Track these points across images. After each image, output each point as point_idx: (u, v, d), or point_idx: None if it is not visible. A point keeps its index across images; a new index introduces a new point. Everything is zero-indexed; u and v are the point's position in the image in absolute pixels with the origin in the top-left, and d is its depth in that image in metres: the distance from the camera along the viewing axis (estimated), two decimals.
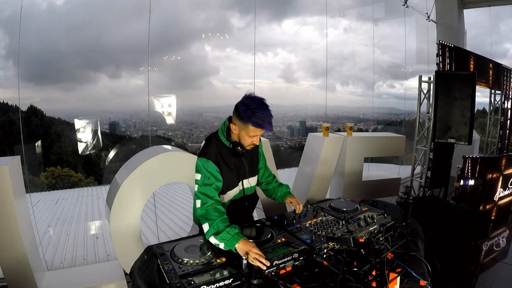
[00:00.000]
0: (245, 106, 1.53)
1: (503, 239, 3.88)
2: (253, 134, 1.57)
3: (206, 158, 1.59)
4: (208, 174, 1.57)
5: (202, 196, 1.55)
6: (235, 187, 1.74)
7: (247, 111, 1.51)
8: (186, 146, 10.07)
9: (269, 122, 1.53)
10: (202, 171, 1.58)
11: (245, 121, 1.53)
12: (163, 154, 2.30)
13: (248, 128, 1.54)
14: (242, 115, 1.53)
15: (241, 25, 9.08)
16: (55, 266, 3.02)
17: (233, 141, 1.64)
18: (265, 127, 1.53)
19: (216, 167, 1.60)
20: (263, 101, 1.54)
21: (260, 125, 1.52)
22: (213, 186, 1.57)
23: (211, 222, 1.47)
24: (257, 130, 1.54)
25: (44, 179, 6.82)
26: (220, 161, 1.63)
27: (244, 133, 1.58)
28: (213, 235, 1.44)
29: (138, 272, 1.34)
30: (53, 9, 6.30)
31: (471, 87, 3.55)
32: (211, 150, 1.62)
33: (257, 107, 1.51)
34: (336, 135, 3.38)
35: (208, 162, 1.58)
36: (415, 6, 6.57)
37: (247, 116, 1.51)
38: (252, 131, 1.55)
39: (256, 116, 1.50)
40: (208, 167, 1.58)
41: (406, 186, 3.16)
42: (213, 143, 1.65)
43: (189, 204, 4.72)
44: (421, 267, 1.49)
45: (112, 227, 2.18)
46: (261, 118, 1.50)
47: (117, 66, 8.79)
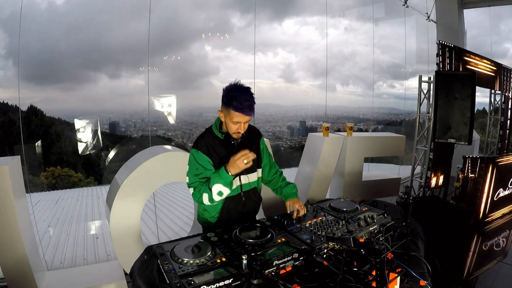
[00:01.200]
0: (227, 91, 1.57)
1: (503, 239, 3.88)
2: (236, 120, 1.57)
3: (197, 149, 1.63)
4: (197, 165, 1.62)
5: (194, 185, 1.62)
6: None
7: (228, 95, 1.55)
8: (186, 146, 10.07)
9: (249, 106, 1.55)
10: (192, 162, 1.63)
11: (227, 106, 1.56)
12: (163, 154, 2.30)
13: (230, 114, 1.56)
14: (224, 100, 1.57)
15: (241, 25, 9.09)
16: (55, 266, 3.02)
17: (224, 132, 1.67)
18: (244, 111, 1.54)
19: (208, 157, 1.62)
20: (245, 87, 1.58)
21: (239, 108, 1.53)
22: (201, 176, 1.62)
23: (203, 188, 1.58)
24: (238, 115, 1.55)
25: (44, 179, 6.83)
26: (212, 152, 1.65)
27: (228, 119, 1.60)
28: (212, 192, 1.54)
29: (138, 272, 1.34)
30: (53, 9, 6.31)
31: (471, 87, 3.55)
32: (202, 142, 1.65)
33: (238, 92, 1.54)
34: (336, 135, 3.38)
35: (198, 153, 1.62)
36: (415, 6, 6.57)
37: (228, 100, 1.55)
38: (235, 116, 1.56)
39: (236, 100, 1.52)
40: (198, 158, 1.62)
41: (406, 186, 3.17)
42: (206, 135, 1.69)
43: (189, 204, 4.72)
44: (421, 267, 1.49)
45: (112, 227, 2.18)
46: (240, 102, 1.52)
47: (117, 66, 8.81)
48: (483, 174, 4.05)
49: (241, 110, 1.54)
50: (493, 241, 3.79)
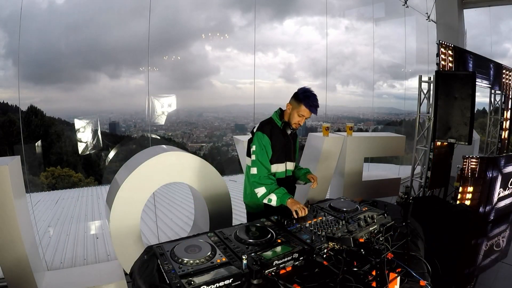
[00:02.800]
0: (303, 91, 1.97)
1: (503, 239, 3.88)
2: (302, 114, 1.98)
3: (262, 132, 1.98)
4: (262, 145, 1.96)
5: (258, 164, 1.96)
6: (282, 164, 2.08)
7: (304, 94, 1.96)
8: (186, 146, 10.06)
9: (316, 106, 1.97)
10: (259, 142, 1.97)
11: (300, 101, 1.96)
12: (163, 154, 2.30)
13: (300, 108, 1.97)
14: (300, 96, 1.97)
15: (241, 24, 9.08)
16: (55, 266, 3.02)
17: (284, 122, 2.04)
18: (312, 110, 1.97)
19: (269, 140, 1.97)
20: (316, 95, 1.98)
21: (310, 106, 1.95)
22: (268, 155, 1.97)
23: (267, 185, 1.92)
24: (306, 110, 1.96)
25: (44, 179, 6.82)
26: (274, 137, 2.00)
27: (295, 111, 1.99)
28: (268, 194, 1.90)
29: (138, 272, 1.34)
30: (53, 9, 6.30)
31: (471, 87, 3.55)
32: (267, 127, 2.01)
33: (311, 95, 1.96)
34: (336, 135, 3.38)
35: (264, 136, 1.97)
36: (415, 6, 6.56)
37: (303, 97, 1.95)
38: (303, 110, 1.97)
39: (309, 99, 1.95)
40: (263, 139, 1.96)
41: (406, 186, 3.16)
42: (269, 122, 2.06)
43: (189, 204, 4.72)
44: (421, 267, 1.49)
45: (112, 227, 2.18)
46: (312, 101, 1.95)
47: (117, 66, 8.81)
48: (483, 174, 4.05)
49: (311, 108, 1.96)
50: (493, 241, 3.79)
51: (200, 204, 2.60)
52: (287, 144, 2.08)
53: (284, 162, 2.09)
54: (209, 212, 2.45)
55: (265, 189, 1.92)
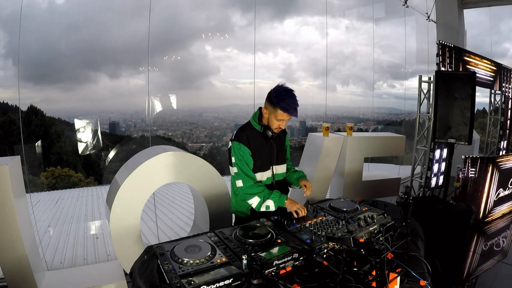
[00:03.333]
0: (276, 93, 1.78)
1: (503, 239, 3.88)
2: (281, 118, 1.80)
3: (238, 141, 1.84)
4: (240, 156, 1.83)
5: (242, 176, 1.84)
6: (268, 170, 1.96)
7: (277, 97, 1.76)
8: (186, 146, 10.06)
9: (294, 108, 1.77)
10: (236, 153, 1.84)
11: (275, 106, 1.78)
12: (163, 154, 2.29)
13: (277, 112, 1.79)
14: (273, 100, 1.78)
15: (242, 24, 9.08)
16: (55, 266, 3.02)
17: (263, 125, 1.88)
18: (291, 112, 1.78)
19: (248, 149, 1.84)
20: (292, 91, 1.79)
21: (287, 109, 1.76)
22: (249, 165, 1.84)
23: (259, 193, 1.82)
24: (284, 114, 1.78)
25: (44, 179, 6.82)
26: (252, 143, 1.86)
27: (272, 116, 1.82)
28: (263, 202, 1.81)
29: (138, 272, 1.34)
30: (53, 8, 6.30)
31: (471, 87, 3.55)
32: (243, 134, 1.86)
33: (286, 95, 1.76)
34: (336, 135, 3.38)
35: (240, 145, 1.83)
36: (415, 6, 6.56)
37: (277, 101, 1.76)
38: (280, 115, 1.79)
39: (284, 102, 1.75)
40: (240, 149, 1.83)
41: (406, 186, 3.15)
42: (246, 129, 1.90)
43: (189, 204, 4.72)
44: (421, 267, 1.49)
45: (112, 227, 2.18)
46: (288, 104, 1.75)
47: (117, 66, 8.80)
48: (483, 174, 4.05)
49: (288, 111, 1.77)
50: (493, 241, 3.79)
51: (200, 204, 2.59)
52: (270, 149, 1.94)
53: (270, 168, 1.96)
54: (209, 212, 2.45)
55: (259, 198, 1.83)
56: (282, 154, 2.02)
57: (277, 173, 2.00)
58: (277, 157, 1.98)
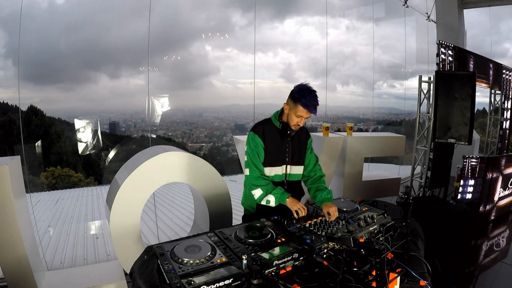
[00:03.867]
0: (298, 89, 1.81)
1: (503, 239, 3.88)
2: (300, 114, 1.81)
3: (254, 132, 1.89)
4: (252, 146, 1.86)
5: (250, 165, 1.87)
6: (278, 167, 1.94)
7: (299, 93, 1.79)
8: (186, 146, 10.06)
9: (314, 106, 1.79)
10: (250, 143, 1.88)
11: (296, 101, 1.80)
12: (163, 154, 2.29)
13: (297, 108, 1.80)
14: (295, 95, 1.80)
15: (242, 24, 9.09)
16: (55, 266, 3.02)
17: (282, 122, 1.90)
18: (310, 109, 1.79)
19: (261, 141, 1.87)
20: (314, 91, 1.82)
21: (307, 106, 1.78)
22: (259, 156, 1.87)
23: (263, 186, 1.84)
24: (303, 111, 1.79)
25: (44, 179, 6.82)
26: (267, 137, 1.88)
27: (292, 112, 1.83)
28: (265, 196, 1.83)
29: (138, 272, 1.34)
30: (54, 8, 6.30)
31: (471, 87, 3.55)
32: (260, 127, 1.90)
33: (308, 92, 1.79)
34: (336, 135, 3.38)
35: (255, 136, 1.87)
36: (415, 6, 6.56)
37: (299, 96, 1.78)
38: (300, 111, 1.80)
39: (305, 98, 1.77)
40: (254, 140, 1.87)
41: (406, 186, 3.16)
42: (264, 122, 1.94)
43: (189, 204, 4.72)
44: (421, 267, 1.49)
45: (112, 227, 2.18)
46: (308, 101, 1.78)
47: (117, 66, 8.81)
48: (483, 174, 4.05)
49: (308, 108, 1.79)
50: (493, 241, 3.79)
51: (200, 204, 2.59)
52: (285, 146, 1.93)
53: (281, 166, 1.94)
54: (209, 212, 2.45)
55: (261, 191, 1.84)
56: (300, 155, 1.99)
57: (291, 173, 1.98)
58: (292, 157, 1.96)
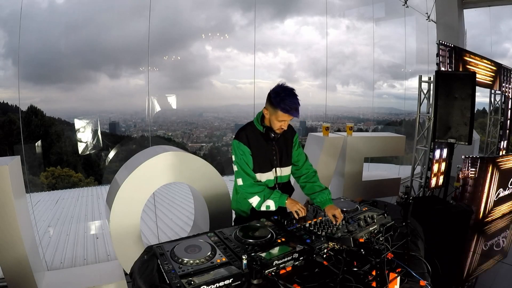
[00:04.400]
0: (275, 93, 1.72)
1: (503, 239, 3.88)
2: (282, 119, 1.74)
3: (238, 140, 1.81)
4: (239, 154, 1.80)
5: (242, 174, 1.81)
6: (269, 172, 1.90)
7: (277, 98, 1.70)
8: (186, 146, 10.07)
9: (295, 109, 1.71)
10: (236, 152, 1.81)
11: (275, 107, 1.72)
12: (163, 154, 2.29)
13: (277, 113, 1.73)
14: (273, 101, 1.72)
15: (242, 24, 9.09)
16: (55, 266, 3.02)
17: (265, 126, 1.83)
18: (292, 113, 1.71)
19: (248, 148, 1.81)
20: (292, 90, 1.73)
21: (287, 110, 1.69)
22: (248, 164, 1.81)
23: (260, 193, 1.78)
24: (284, 115, 1.72)
25: (44, 179, 6.82)
26: (252, 143, 1.82)
27: (273, 117, 1.76)
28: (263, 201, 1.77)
29: (138, 272, 1.34)
30: (54, 8, 6.30)
31: (471, 87, 3.55)
32: (243, 133, 1.83)
33: (286, 95, 1.70)
34: (336, 135, 3.38)
35: (239, 144, 1.81)
36: (415, 6, 6.56)
37: (277, 102, 1.70)
38: (281, 116, 1.73)
39: (284, 103, 1.69)
40: (240, 148, 1.80)
41: (406, 186, 3.16)
42: (247, 128, 1.86)
43: (189, 204, 4.72)
44: (421, 267, 1.49)
45: (112, 227, 2.18)
46: (288, 105, 1.69)
47: (117, 66, 8.81)
48: (483, 174, 4.05)
49: (289, 112, 1.70)
50: (493, 241, 3.79)
51: (200, 204, 2.60)
52: (271, 150, 1.88)
53: (271, 170, 1.90)
54: (209, 212, 2.45)
55: (259, 197, 1.79)
56: (287, 156, 1.94)
57: (282, 175, 1.95)
58: (281, 159, 1.91)
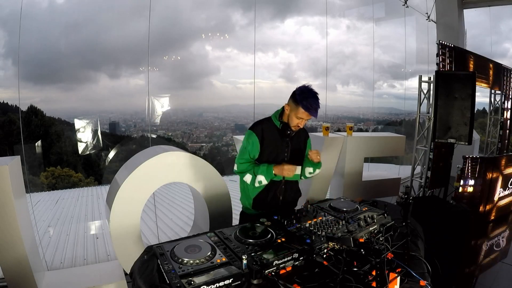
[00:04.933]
0: (301, 91, 1.82)
1: (503, 239, 3.88)
2: (300, 116, 1.83)
3: (252, 130, 1.89)
4: (246, 144, 1.88)
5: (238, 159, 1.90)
6: None
7: (301, 95, 1.80)
8: (186, 146, 10.07)
9: (315, 109, 1.81)
10: (244, 141, 1.90)
11: (297, 103, 1.81)
12: (163, 154, 2.29)
13: (298, 110, 1.82)
14: (297, 97, 1.81)
15: (242, 23, 9.09)
16: (55, 266, 3.02)
17: (283, 122, 1.91)
18: (311, 112, 1.81)
19: (258, 139, 1.87)
20: (316, 94, 1.84)
21: (308, 109, 1.79)
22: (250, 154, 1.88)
23: (250, 170, 1.87)
24: (304, 113, 1.81)
25: (44, 179, 6.83)
26: (266, 136, 1.89)
27: (293, 113, 1.85)
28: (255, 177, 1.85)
29: (138, 272, 1.34)
30: (54, 8, 6.30)
31: (471, 87, 3.55)
32: (259, 126, 1.90)
33: (310, 95, 1.81)
34: (336, 135, 3.37)
35: (251, 134, 1.87)
36: (415, 6, 6.57)
37: (300, 99, 1.80)
38: (301, 113, 1.82)
39: (307, 101, 1.79)
40: (251, 138, 1.87)
41: (406, 186, 3.15)
42: (264, 122, 1.94)
43: (189, 204, 4.72)
44: (421, 267, 1.49)
45: (112, 227, 2.18)
46: (310, 103, 1.79)
47: (117, 66, 8.82)
48: (483, 174, 4.04)
49: (309, 111, 1.80)
50: (493, 241, 3.79)
51: (200, 204, 2.60)
52: (284, 146, 1.93)
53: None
54: (209, 212, 2.45)
55: (250, 175, 1.88)
56: (299, 155, 2.00)
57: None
58: (291, 156, 1.96)
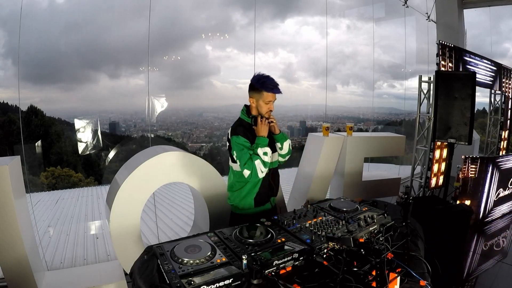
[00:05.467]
0: (256, 80, 1.94)
1: (503, 239, 3.88)
2: (268, 99, 1.95)
3: (237, 135, 1.93)
4: (241, 147, 1.91)
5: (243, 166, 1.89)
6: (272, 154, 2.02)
7: (259, 82, 1.93)
8: (186, 146, 10.07)
9: (276, 86, 1.93)
10: (236, 147, 1.92)
11: (259, 90, 1.93)
12: (163, 154, 2.29)
13: (263, 95, 1.94)
14: (256, 86, 1.94)
15: (242, 23, 9.09)
16: (55, 266, 3.02)
17: (252, 117, 1.99)
18: (275, 91, 1.94)
19: (246, 140, 1.93)
20: (269, 75, 1.95)
21: (271, 89, 1.92)
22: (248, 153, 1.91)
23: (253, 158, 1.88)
24: (269, 95, 1.94)
25: (44, 179, 6.83)
26: (248, 135, 1.96)
27: (261, 101, 1.96)
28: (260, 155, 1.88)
29: (138, 272, 1.34)
30: (54, 8, 6.30)
31: (471, 87, 3.55)
32: (240, 128, 1.97)
33: (265, 78, 1.93)
34: (336, 135, 3.37)
35: (239, 137, 1.92)
36: (415, 6, 6.57)
37: (260, 85, 1.92)
38: (266, 96, 1.94)
39: (267, 83, 1.92)
40: (239, 141, 1.91)
41: (406, 186, 3.16)
42: (237, 123, 2.02)
43: (189, 204, 4.72)
44: (421, 267, 1.49)
45: (112, 227, 2.18)
46: (270, 84, 1.92)
47: (117, 66, 8.82)
48: (483, 174, 4.05)
49: (272, 90, 1.93)
50: (493, 241, 3.80)
51: (200, 204, 2.60)
52: None
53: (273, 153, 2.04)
54: (209, 212, 2.45)
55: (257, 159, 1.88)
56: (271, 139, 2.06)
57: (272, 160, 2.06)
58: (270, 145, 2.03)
